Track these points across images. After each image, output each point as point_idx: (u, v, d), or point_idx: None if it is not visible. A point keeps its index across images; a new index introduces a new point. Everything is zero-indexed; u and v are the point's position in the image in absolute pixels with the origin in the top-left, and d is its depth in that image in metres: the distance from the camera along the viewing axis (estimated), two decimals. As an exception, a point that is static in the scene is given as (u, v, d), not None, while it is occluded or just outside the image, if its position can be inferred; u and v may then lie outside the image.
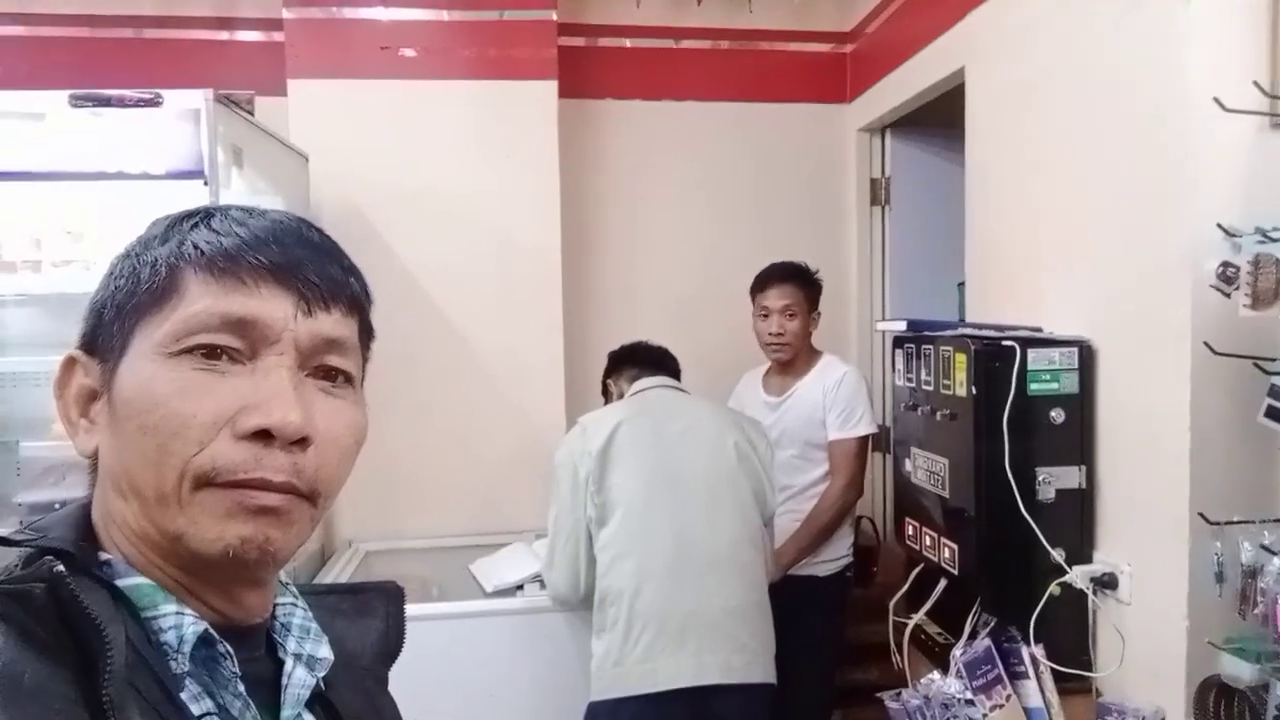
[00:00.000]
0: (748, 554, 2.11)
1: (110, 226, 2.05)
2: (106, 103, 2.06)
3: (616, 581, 2.05)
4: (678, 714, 1.99)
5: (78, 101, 2.05)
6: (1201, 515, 1.51)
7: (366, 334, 0.70)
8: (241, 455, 0.59)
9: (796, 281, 2.69)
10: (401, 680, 0.81)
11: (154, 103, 2.07)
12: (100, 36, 3.06)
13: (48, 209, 2.13)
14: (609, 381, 2.48)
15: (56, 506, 0.65)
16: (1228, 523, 1.47)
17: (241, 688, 0.62)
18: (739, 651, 2.03)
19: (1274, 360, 1.44)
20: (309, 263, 0.65)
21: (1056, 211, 2.06)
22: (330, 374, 0.65)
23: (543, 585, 2.35)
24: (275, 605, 0.69)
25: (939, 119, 2.98)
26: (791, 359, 2.69)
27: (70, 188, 2.10)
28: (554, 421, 3.01)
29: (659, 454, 2.11)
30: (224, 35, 3.13)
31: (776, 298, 2.67)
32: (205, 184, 2.07)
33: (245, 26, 3.13)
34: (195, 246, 0.62)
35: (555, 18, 3.08)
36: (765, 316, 2.68)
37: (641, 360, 2.41)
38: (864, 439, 2.64)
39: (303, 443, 0.61)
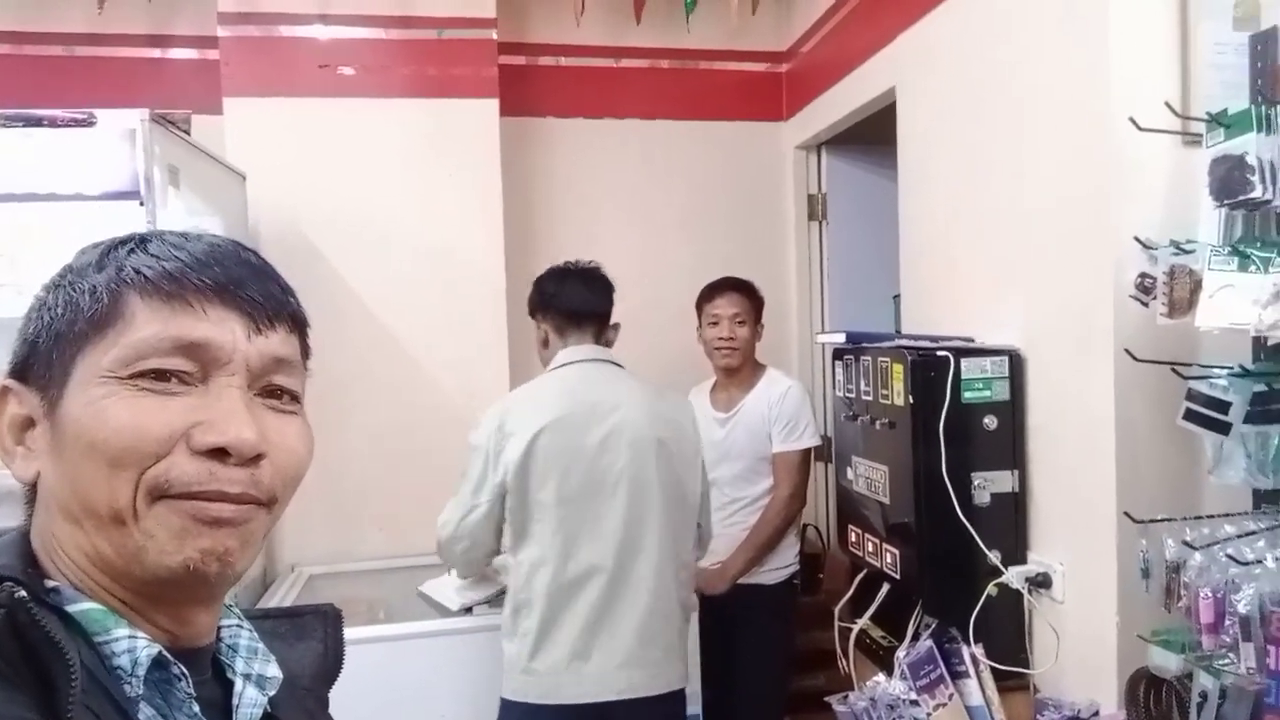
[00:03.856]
0: (663, 565, 2.09)
1: (44, 249, 2.00)
2: (38, 123, 2.01)
3: (531, 594, 2.06)
4: None
5: (8, 121, 2.00)
6: (1127, 514, 1.58)
7: (305, 353, 0.71)
8: (196, 469, 0.60)
9: (744, 292, 2.77)
10: (349, 703, 0.81)
11: (87, 123, 2.03)
12: (30, 54, 2.99)
13: (-25, 231, 2.08)
14: (537, 317, 2.28)
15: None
16: (1152, 521, 1.53)
17: (196, 708, 0.62)
18: (641, 667, 2.03)
19: (1190, 366, 1.52)
20: (251, 282, 0.66)
21: (986, 226, 2.14)
22: (276, 393, 0.66)
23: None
24: (220, 627, 0.70)
25: (873, 136, 3.07)
26: (739, 367, 2.74)
27: (0, 210, 2.05)
28: (500, 438, 3.00)
29: (579, 466, 2.06)
30: (157, 53, 3.08)
31: (726, 305, 2.73)
32: (141, 204, 2.03)
33: (179, 44, 3.09)
34: (136, 271, 0.62)
35: (495, 37, 3.10)
36: (715, 324, 2.74)
37: (570, 307, 2.20)
38: (807, 451, 2.69)
39: (257, 459, 0.62)
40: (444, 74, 3.07)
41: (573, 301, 2.21)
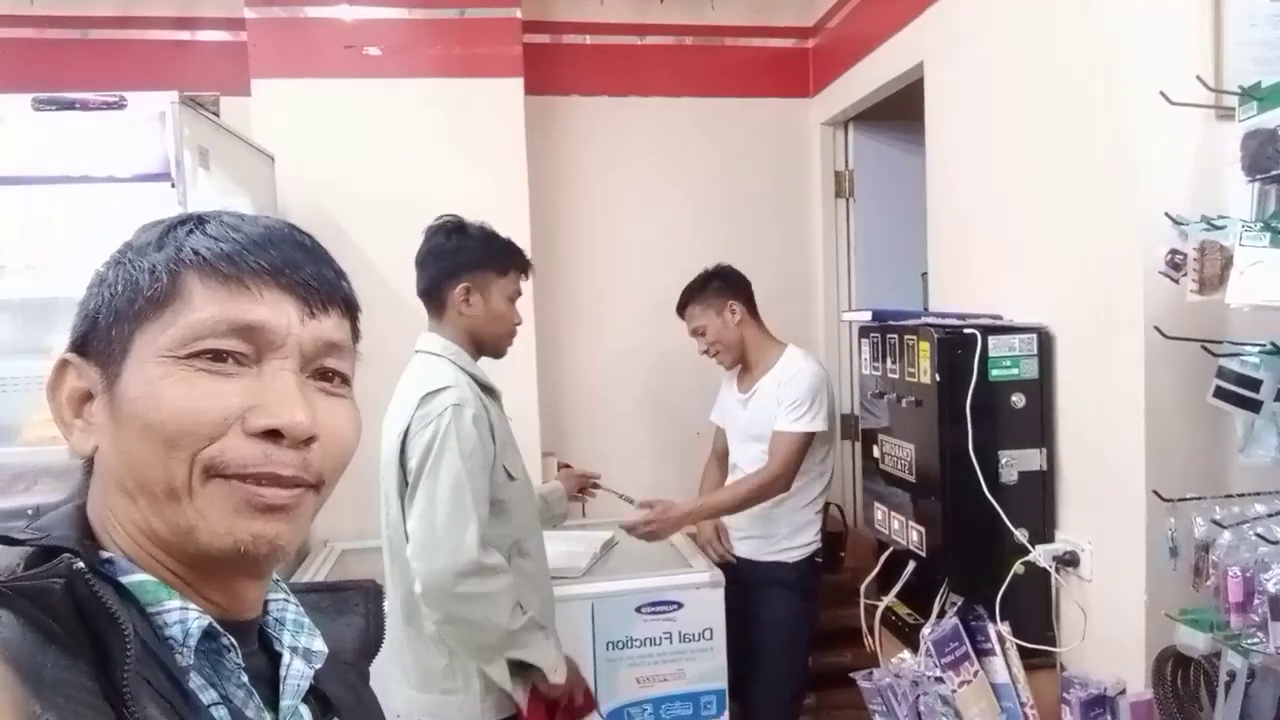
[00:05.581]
0: (393, 594, 1.97)
1: (77, 231, 2.04)
2: (70, 106, 2.04)
3: None
4: None
5: (41, 105, 2.04)
6: (1156, 493, 1.57)
7: (356, 337, 0.73)
8: (251, 450, 0.62)
9: (692, 301, 2.74)
10: (382, 676, 0.83)
11: (118, 105, 2.06)
12: (61, 38, 3.03)
13: (10, 213, 2.11)
14: None
15: (29, 513, 0.66)
16: (1180, 499, 1.52)
17: (245, 678, 0.64)
18: (401, 684, 1.99)
19: (1220, 343, 1.50)
20: (305, 265, 0.67)
21: (1014, 202, 2.12)
22: (328, 375, 0.68)
23: None
24: (268, 601, 0.71)
25: (900, 112, 3.04)
26: (736, 359, 2.74)
27: (34, 192, 2.08)
28: (526, 417, 3.02)
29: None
30: (185, 35, 3.11)
31: (687, 322, 2.76)
32: (172, 186, 2.06)
33: (207, 26, 3.11)
34: (195, 251, 0.64)
35: (519, 15, 3.09)
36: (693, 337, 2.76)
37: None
38: (805, 435, 2.57)
39: (309, 441, 0.64)
40: (469, 53, 3.07)
41: (420, 281, 2.08)
